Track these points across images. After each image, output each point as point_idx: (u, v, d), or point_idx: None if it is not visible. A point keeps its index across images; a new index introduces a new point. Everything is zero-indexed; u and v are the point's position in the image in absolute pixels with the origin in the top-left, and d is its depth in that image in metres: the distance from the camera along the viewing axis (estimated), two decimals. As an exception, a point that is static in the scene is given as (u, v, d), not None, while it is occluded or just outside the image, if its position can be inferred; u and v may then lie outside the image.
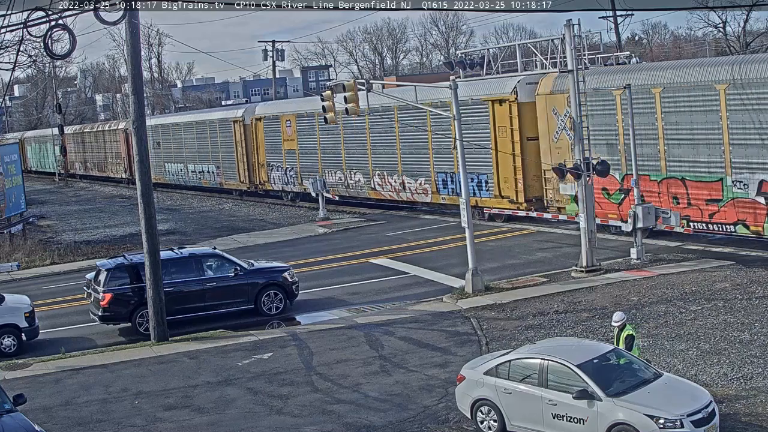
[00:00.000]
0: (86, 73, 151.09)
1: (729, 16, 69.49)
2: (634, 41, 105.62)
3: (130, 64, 24.86)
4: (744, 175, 27.22)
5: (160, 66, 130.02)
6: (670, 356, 19.19)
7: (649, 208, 28.05)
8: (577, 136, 27.49)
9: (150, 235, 24.41)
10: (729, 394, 16.82)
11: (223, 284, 26.53)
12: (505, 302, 25.01)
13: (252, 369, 21.24)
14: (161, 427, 18.07)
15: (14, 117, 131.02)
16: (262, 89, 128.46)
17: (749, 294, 23.41)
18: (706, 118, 27.95)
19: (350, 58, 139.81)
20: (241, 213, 51.54)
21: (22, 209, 48.16)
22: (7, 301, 25.25)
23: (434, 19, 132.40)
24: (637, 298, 24.06)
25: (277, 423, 17.72)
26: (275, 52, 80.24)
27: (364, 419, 17.47)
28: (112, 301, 25.69)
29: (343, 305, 27.37)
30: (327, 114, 30.17)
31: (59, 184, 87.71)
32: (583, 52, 27.55)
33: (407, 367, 20.41)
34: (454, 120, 27.26)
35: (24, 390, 19.02)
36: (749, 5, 54.22)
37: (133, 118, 24.88)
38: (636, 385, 15.01)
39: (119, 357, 23.21)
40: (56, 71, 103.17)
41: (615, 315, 17.32)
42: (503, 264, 30.38)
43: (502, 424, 15.95)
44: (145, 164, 24.64)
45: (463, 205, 26.70)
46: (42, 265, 38.07)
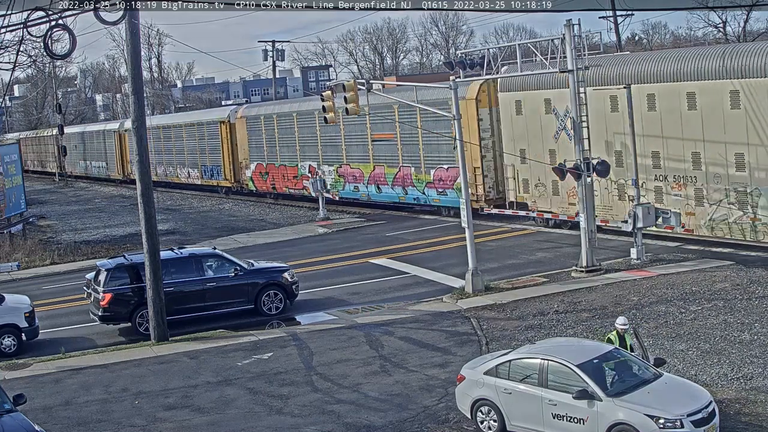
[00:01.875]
0: (86, 73, 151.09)
1: (729, 16, 69.63)
2: (634, 41, 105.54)
3: (130, 64, 24.86)
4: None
5: (160, 66, 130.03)
6: (670, 356, 19.16)
7: (649, 208, 28.08)
8: (577, 136, 27.50)
9: (150, 235, 24.41)
10: (729, 394, 16.82)
11: (223, 284, 26.53)
12: (505, 302, 25.01)
13: (252, 369, 21.24)
14: (161, 427, 18.07)
15: (14, 117, 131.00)
16: (262, 89, 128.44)
17: (749, 294, 23.41)
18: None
19: (350, 58, 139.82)
20: (241, 213, 51.54)
21: (22, 209, 48.19)
22: (7, 301, 25.25)
23: (434, 19, 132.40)
24: (637, 298, 24.07)
25: (277, 423, 17.72)
26: (275, 52, 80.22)
27: (364, 419, 17.48)
28: (112, 301, 25.69)
29: (343, 305, 27.38)
30: (327, 114, 30.19)
31: (59, 184, 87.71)
32: (583, 52, 27.52)
33: (407, 367, 20.41)
34: (454, 120, 27.28)
35: (24, 390, 19.02)
36: (749, 5, 54.17)
37: (133, 118, 24.88)
38: (636, 385, 15.01)
39: (119, 357, 23.21)
40: (56, 71, 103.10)
41: (619, 318, 17.25)
42: (503, 264, 30.38)
43: (502, 424, 15.96)
44: (144, 164, 24.64)
45: (463, 205, 26.70)
46: (42, 265, 38.07)
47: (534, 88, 34.71)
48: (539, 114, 34.56)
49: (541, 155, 33.79)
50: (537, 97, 34.48)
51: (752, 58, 27.10)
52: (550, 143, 34.04)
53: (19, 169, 48.06)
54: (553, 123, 33.75)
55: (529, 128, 35.20)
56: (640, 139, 29.60)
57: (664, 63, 29.99)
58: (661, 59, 30.62)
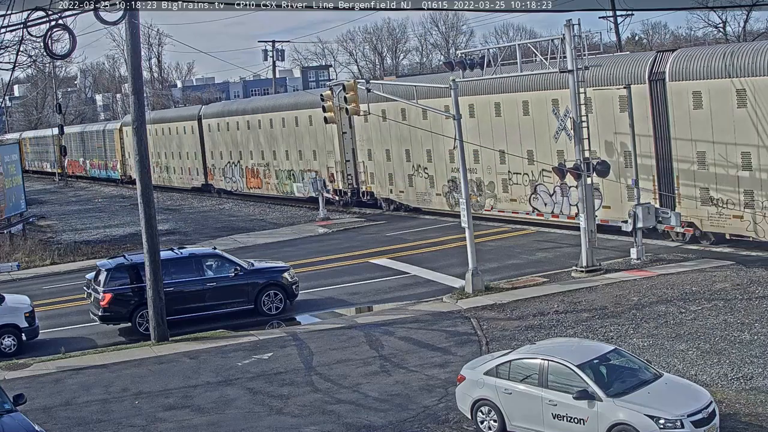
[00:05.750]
0: (86, 73, 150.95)
1: (729, 16, 69.64)
2: (634, 41, 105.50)
3: (130, 64, 24.85)
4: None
5: (160, 66, 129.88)
6: (670, 356, 19.19)
7: (649, 208, 28.07)
8: (577, 136, 27.50)
9: (150, 235, 24.40)
10: (729, 394, 16.82)
11: (223, 284, 26.52)
12: (505, 302, 25.01)
13: (252, 369, 21.24)
14: (161, 427, 18.06)
15: (14, 117, 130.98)
16: (262, 89, 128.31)
17: (749, 294, 23.41)
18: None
19: (350, 58, 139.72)
20: (241, 213, 51.55)
21: (22, 209, 48.15)
22: (7, 301, 25.26)
23: (434, 19, 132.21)
24: (637, 298, 24.06)
25: (277, 423, 17.72)
26: (275, 52, 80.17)
27: (364, 419, 17.47)
28: (112, 301, 25.69)
29: (343, 305, 27.39)
30: (327, 114, 30.21)
31: (59, 184, 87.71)
32: (583, 52, 27.53)
33: (407, 367, 20.40)
34: (454, 120, 27.27)
35: (24, 390, 19.03)
36: (749, 5, 54.25)
37: (133, 117, 24.87)
38: (636, 385, 15.01)
39: (119, 357, 23.21)
40: (56, 71, 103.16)
41: None
42: (503, 264, 30.38)
43: (502, 424, 15.95)
44: (144, 164, 24.63)
45: (463, 205, 26.70)
46: (42, 265, 38.08)
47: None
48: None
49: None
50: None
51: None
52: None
53: (19, 169, 48.03)
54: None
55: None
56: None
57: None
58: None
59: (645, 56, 31.84)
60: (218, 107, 62.23)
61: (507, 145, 35.87)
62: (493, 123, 36.60)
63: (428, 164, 40.94)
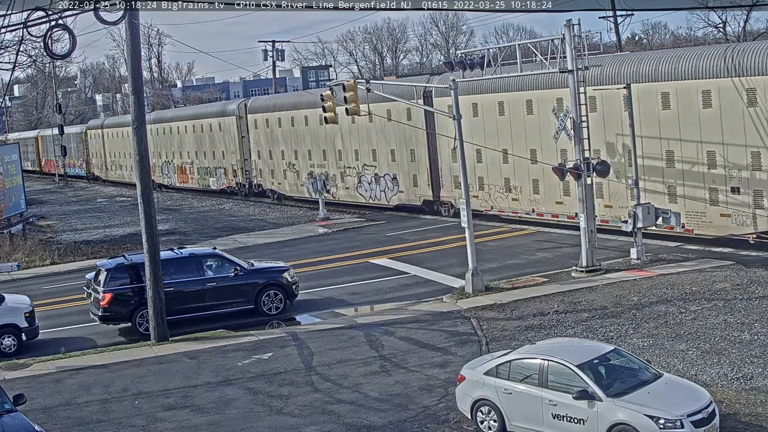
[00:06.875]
0: (86, 73, 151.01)
1: (729, 16, 69.70)
2: (634, 41, 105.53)
3: (130, 64, 24.85)
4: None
5: (160, 66, 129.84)
6: (670, 356, 19.19)
7: (650, 207, 28.06)
8: (577, 136, 27.49)
9: (150, 235, 24.40)
10: (729, 394, 16.82)
11: (223, 284, 26.52)
12: (505, 302, 25.01)
13: (252, 369, 21.24)
14: (161, 427, 18.06)
15: (14, 117, 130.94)
16: (262, 89, 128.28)
17: (749, 294, 23.41)
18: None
19: (350, 58, 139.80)
20: (240, 213, 51.56)
21: (22, 209, 48.14)
22: (7, 301, 25.26)
23: (434, 19, 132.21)
24: (637, 298, 24.06)
25: (277, 423, 17.72)
26: (275, 52, 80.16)
27: (364, 419, 17.47)
28: (112, 301, 25.69)
29: (343, 305, 27.39)
30: (327, 114, 30.18)
31: (59, 184, 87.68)
32: (583, 52, 27.53)
33: (407, 367, 20.40)
34: (454, 120, 27.28)
35: (24, 390, 19.02)
36: (749, 5, 54.25)
37: (133, 117, 24.87)
38: (636, 385, 15.01)
39: (119, 357, 23.20)
40: (56, 71, 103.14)
41: None
42: (503, 264, 30.38)
43: (502, 424, 15.95)
44: (144, 164, 24.62)
45: (463, 205, 26.70)
46: (42, 265, 38.08)
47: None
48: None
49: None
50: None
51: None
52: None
53: (19, 169, 48.02)
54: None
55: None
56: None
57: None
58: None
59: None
60: (156, 116, 72.98)
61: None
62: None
63: (295, 161, 51.84)
